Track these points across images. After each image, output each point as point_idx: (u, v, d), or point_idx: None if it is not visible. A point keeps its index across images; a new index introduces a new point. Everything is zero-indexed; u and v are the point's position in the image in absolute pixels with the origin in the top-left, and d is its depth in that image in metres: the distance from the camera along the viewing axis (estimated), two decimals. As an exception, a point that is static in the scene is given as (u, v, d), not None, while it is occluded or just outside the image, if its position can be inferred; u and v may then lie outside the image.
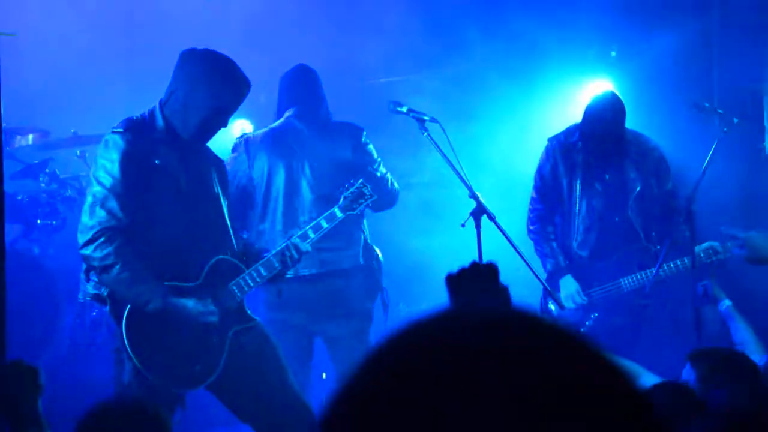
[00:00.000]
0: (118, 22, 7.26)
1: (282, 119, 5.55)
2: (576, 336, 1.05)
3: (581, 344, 1.04)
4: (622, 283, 5.64)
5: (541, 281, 5.21)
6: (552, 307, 5.66)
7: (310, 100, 5.56)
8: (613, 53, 7.41)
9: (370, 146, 5.55)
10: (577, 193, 5.69)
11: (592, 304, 5.67)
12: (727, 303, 4.99)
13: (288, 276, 5.16)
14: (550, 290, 5.40)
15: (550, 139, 5.81)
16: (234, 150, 5.56)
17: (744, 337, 4.74)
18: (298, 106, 5.53)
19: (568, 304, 5.58)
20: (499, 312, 1.08)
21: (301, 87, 5.58)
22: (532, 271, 5.06)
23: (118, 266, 4.16)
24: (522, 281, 5.66)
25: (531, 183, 5.91)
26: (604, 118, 5.57)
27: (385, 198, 5.44)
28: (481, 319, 1.05)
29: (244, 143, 5.51)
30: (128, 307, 4.22)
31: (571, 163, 5.69)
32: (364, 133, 5.56)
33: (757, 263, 4.89)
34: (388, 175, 5.56)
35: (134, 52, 7.12)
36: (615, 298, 5.65)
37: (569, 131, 5.77)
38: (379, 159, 5.55)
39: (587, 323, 5.65)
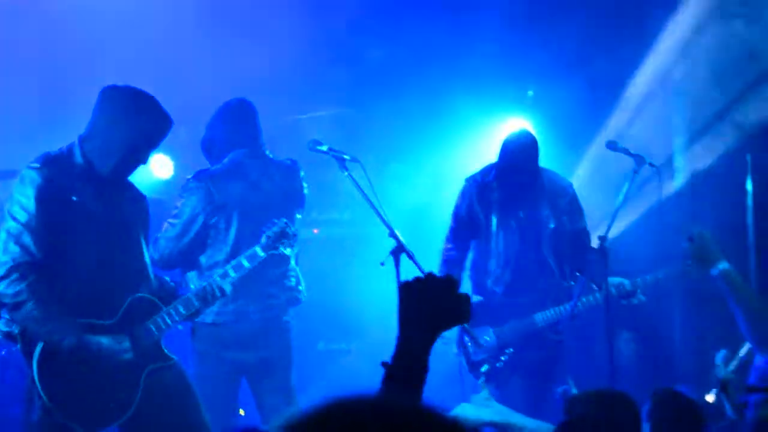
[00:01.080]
0: (32, 54, 7.14)
1: (232, 157, 5.46)
2: None
3: None
4: (537, 318, 5.72)
5: (469, 333, 5.27)
6: (469, 342, 5.72)
7: (258, 139, 5.54)
8: (530, 93, 7.55)
9: (305, 183, 5.64)
10: (493, 230, 5.78)
11: (507, 339, 5.73)
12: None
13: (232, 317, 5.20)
14: (468, 328, 5.45)
15: (467, 179, 5.90)
16: (187, 190, 5.36)
17: None
18: (249, 147, 5.48)
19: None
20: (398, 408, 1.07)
21: (248, 126, 5.52)
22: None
23: (30, 303, 4.08)
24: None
25: (447, 220, 5.98)
26: (519, 153, 5.69)
27: None
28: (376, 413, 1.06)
29: (206, 181, 5.35)
30: (40, 345, 4.13)
31: (487, 201, 5.79)
32: (302, 170, 5.63)
33: (698, 267, 4.98)
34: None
35: (48, 86, 7.01)
36: (530, 333, 5.73)
37: (485, 171, 5.87)
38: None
39: (502, 358, 5.71)
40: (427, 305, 2.11)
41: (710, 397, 4.56)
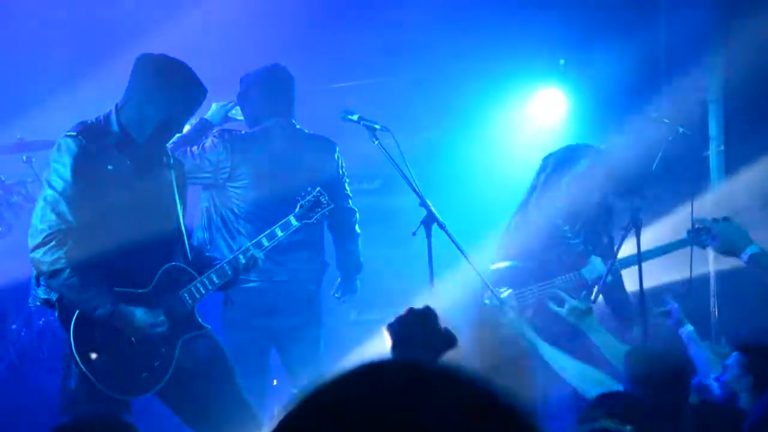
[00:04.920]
0: (63, 26, 7.17)
1: (263, 126, 5.51)
2: (497, 398, 1.06)
3: (502, 407, 1.05)
4: (557, 282, 5.64)
5: (493, 292, 5.22)
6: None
7: (291, 111, 5.57)
8: (562, 61, 7.48)
9: (342, 162, 5.65)
10: None
11: (527, 302, 5.66)
12: (689, 329, 4.98)
13: (254, 283, 5.26)
14: (500, 300, 5.38)
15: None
16: (209, 143, 5.42)
17: (705, 362, 4.70)
18: (281, 117, 5.52)
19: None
20: (423, 371, 1.08)
21: (284, 95, 5.54)
22: (483, 280, 5.12)
23: (67, 271, 4.12)
24: (471, 290, 5.74)
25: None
26: None
27: (345, 216, 5.61)
28: (400, 377, 1.06)
29: (228, 140, 5.40)
30: (77, 312, 4.18)
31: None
32: (338, 148, 5.63)
33: (726, 254, 4.94)
34: (350, 193, 5.70)
35: (80, 57, 7.04)
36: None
37: None
38: (347, 177, 5.65)
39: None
40: (414, 340, 2.18)
41: None
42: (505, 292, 5.59)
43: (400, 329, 2.19)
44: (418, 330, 2.18)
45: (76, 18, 7.14)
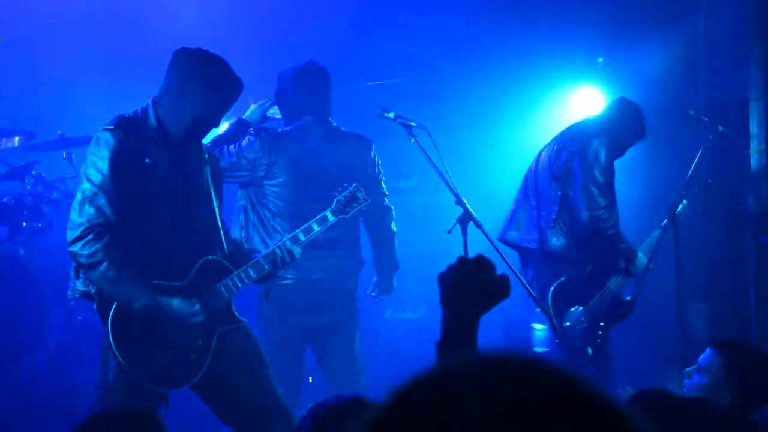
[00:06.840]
0: (104, 23, 7.25)
1: (299, 124, 5.55)
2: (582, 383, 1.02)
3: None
4: (611, 284, 5.62)
5: (528, 290, 5.20)
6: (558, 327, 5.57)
7: (327, 109, 5.60)
8: (600, 59, 7.44)
9: (378, 160, 5.67)
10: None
11: (597, 315, 5.60)
12: None
13: (291, 281, 5.26)
14: (539, 301, 5.34)
15: (602, 135, 5.63)
16: (246, 141, 5.48)
17: None
18: (318, 115, 5.56)
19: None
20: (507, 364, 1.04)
21: (321, 93, 5.59)
22: (519, 279, 5.09)
23: (105, 264, 4.14)
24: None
25: (516, 188, 5.92)
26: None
27: (381, 214, 5.62)
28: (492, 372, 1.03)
29: (264, 138, 5.47)
30: (114, 305, 4.20)
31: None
32: (374, 146, 5.64)
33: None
34: (386, 191, 5.70)
35: (120, 53, 7.11)
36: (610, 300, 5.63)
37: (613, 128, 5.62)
38: (383, 175, 5.66)
39: (600, 333, 5.54)
40: (465, 291, 2.13)
41: None
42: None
43: (455, 277, 2.13)
44: (472, 278, 2.13)
45: (114, 13, 7.20)
